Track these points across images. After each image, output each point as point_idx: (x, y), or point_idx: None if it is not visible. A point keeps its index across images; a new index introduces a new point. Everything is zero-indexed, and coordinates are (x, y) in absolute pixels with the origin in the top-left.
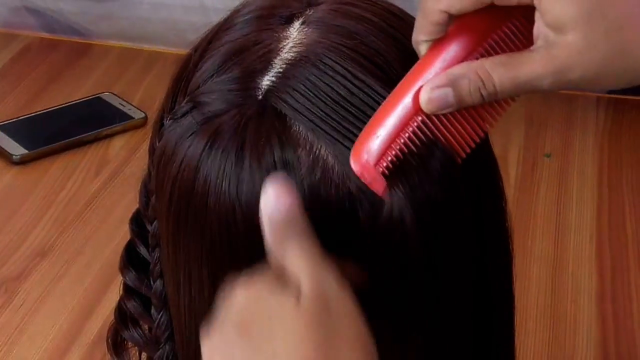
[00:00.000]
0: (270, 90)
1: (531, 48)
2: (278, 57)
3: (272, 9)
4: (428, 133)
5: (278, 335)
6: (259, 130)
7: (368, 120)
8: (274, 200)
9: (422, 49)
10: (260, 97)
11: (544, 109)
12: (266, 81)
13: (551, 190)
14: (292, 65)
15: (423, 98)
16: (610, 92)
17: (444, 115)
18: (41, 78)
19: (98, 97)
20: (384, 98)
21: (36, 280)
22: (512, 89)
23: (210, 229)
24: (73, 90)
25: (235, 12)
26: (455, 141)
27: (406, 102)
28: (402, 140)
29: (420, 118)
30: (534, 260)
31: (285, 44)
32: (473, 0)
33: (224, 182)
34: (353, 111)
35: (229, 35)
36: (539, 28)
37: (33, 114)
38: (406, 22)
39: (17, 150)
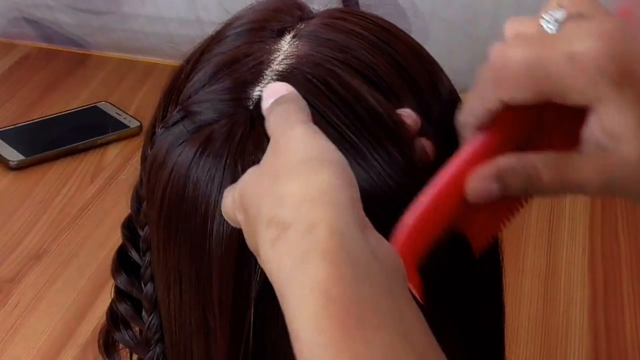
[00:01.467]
0: (261, 101)
1: (583, 150)
2: (269, 69)
3: (264, 22)
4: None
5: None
6: (250, 138)
7: (358, 131)
8: (277, 87)
9: (467, 131)
10: (252, 107)
11: None
12: (257, 92)
13: (544, 203)
14: (283, 77)
15: (470, 187)
16: None
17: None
18: (39, 87)
19: (95, 106)
20: (374, 110)
21: (31, 283)
22: (558, 189)
23: (200, 234)
24: (70, 99)
25: (227, 25)
26: (480, 231)
27: (449, 189)
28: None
29: (457, 207)
30: (527, 271)
31: (276, 56)
32: (535, 95)
33: (213, 189)
34: (343, 121)
35: (220, 47)
36: (593, 131)
37: (30, 122)
38: (397, 37)
39: (14, 156)
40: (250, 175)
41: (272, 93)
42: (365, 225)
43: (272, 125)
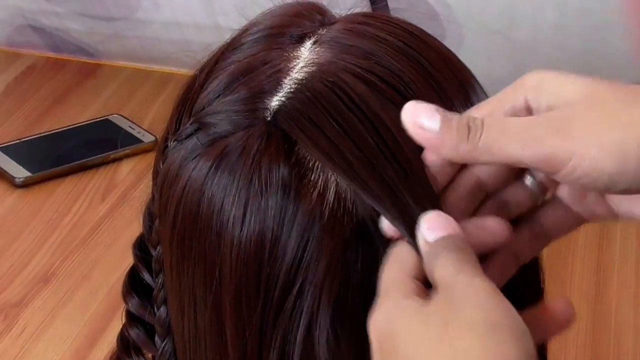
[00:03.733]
0: (278, 112)
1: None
2: (288, 77)
3: (282, 27)
4: None
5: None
6: (267, 152)
7: (382, 145)
8: (441, 221)
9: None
10: (269, 118)
11: None
12: (275, 102)
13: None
14: (303, 85)
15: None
16: None
17: None
18: (46, 99)
19: (106, 119)
20: (400, 122)
21: (38, 307)
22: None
23: (215, 253)
24: (80, 112)
25: (244, 32)
26: None
27: None
28: None
29: None
30: (574, 295)
31: (295, 63)
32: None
33: (229, 206)
34: (367, 136)
35: (236, 54)
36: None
37: (37, 136)
38: (425, 42)
39: (20, 172)
40: (407, 312)
41: (436, 226)
42: None
43: (442, 273)
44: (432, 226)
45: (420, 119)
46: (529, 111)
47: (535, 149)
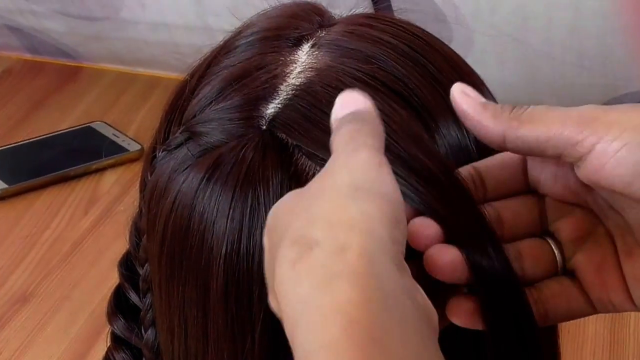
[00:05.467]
0: (275, 120)
1: None
2: (284, 83)
3: (279, 30)
4: None
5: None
6: (263, 163)
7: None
8: (356, 97)
9: None
10: (264, 127)
11: None
12: (271, 109)
13: None
14: (301, 91)
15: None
16: None
17: None
18: (24, 105)
19: (88, 126)
20: (404, 130)
21: (16, 329)
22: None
23: (207, 271)
24: (60, 119)
25: (237, 34)
26: None
27: None
28: None
29: None
30: (590, 317)
31: (292, 68)
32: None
33: (222, 221)
34: None
35: (229, 58)
36: None
37: (14, 145)
38: (431, 45)
39: None
40: (290, 195)
41: (348, 103)
42: (403, 268)
43: (336, 142)
44: (344, 104)
45: (468, 89)
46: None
47: (578, 116)
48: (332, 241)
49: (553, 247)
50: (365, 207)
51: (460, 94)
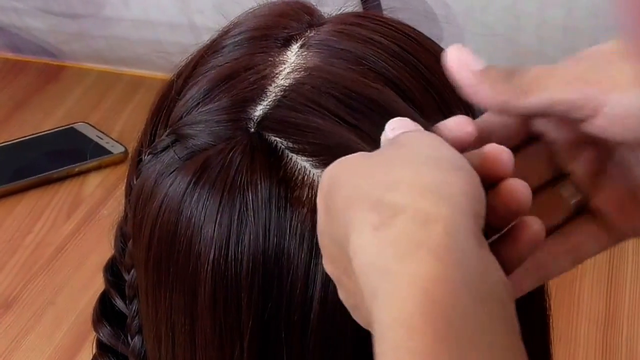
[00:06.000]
0: (263, 122)
1: None
2: (273, 84)
3: (267, 29)
4: None
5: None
6: (251, 167)
7: None
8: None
9: None
10: (252, 129)
11: None
12: (259, 111)
13: None
14: (290, 93)
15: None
16: None
17: None
18: (4, 105)
19: (71, 127)
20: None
21: None
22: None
23: (195, 277)
24: (42, 120)
25: (225, 33)
26: None
27: None
28: None
29: None
30: (582, 319)
31: (281, 69)
32: None
33: (210, 225)
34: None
35: (216, 59)
36: None
37: None
38: (423, 45)
39: None
40: (356, 158)
41: (398, 127)
42: (483, 243)
43: (402, 136)
44: (395, 128)
45: (463, 54)
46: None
47: (580, 76)
48: (417, 209)
49: (571, 192)
50: (450, 178)
51: (456, 62)
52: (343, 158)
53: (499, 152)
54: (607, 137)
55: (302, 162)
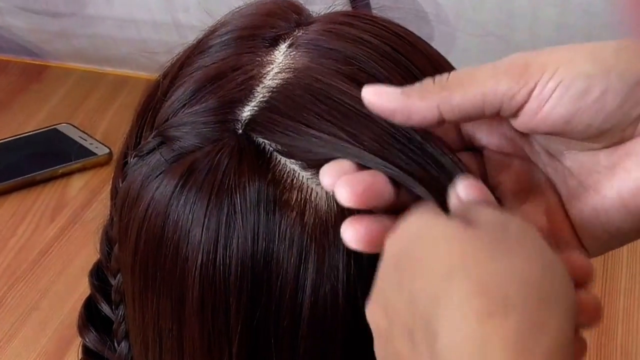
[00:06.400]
0: (251, 123)
1: None
2: (261, 85)
3: (255, 29)
4: None
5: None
6: (239, 169)
7: (366, 158)
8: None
9: None
10: (240, 130)
11: None
12: (247, 112)
13: None
14: (278, 94)
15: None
16: None
17: None
18: None
19: (54, 128)
20: (386, 133)
21: None
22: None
23: (182, 282)
24: (24, 121)
25: (211, 33)
26: None
27: None
28: None
29: None
30: None
31: (269, 69)
32: None
33: (197, 229)
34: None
35: (203, 59)
36: None
37: None
38: (413, 45)
39: None
40: (452, 229)
41: (469, 188)
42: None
43: (485, 212)
44: (467, 186)
45: (381, 87)
46: None
47: (508, 67)
48: (531, 313)
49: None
50: (560, 288)
51: (375, 95)
52: (423, 222)
53: (586, 266)
54: (536, 127)
55: (290, 165)
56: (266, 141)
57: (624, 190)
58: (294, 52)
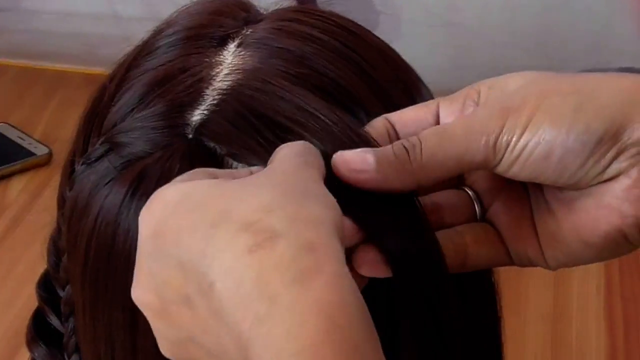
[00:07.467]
0: (201, 127)
1: None
2: (210, 87)
3: (202, 28)
4: None
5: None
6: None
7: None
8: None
9: None
10: (191, 135)
11: None
12: (197, 116)
13: None
14: (228, 96)
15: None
16: None
17: None
18: None
19: None
20: (341, 133)
21: None
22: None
23: None
24: None
25: (158, 33)
26: None
27: None
28: None
29: None
30: (530, 314)
31: (218, 70)
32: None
33: None
34: None
35: (150, 61)
36: None
37: None
38: (364, 40)
39: None
40: (211, 181)
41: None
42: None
43: (282, 153)
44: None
45: (353, 165)
46: None
47: (480, 128)
48: (298, 236)
49: (471, 196)
50: (321, 210)
51: (348, 172)
52: (196, 181)
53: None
54: (513, 177)
55: (243, 170)
56: (217, 145)
57: (581, 228)
58: (243, 52)
